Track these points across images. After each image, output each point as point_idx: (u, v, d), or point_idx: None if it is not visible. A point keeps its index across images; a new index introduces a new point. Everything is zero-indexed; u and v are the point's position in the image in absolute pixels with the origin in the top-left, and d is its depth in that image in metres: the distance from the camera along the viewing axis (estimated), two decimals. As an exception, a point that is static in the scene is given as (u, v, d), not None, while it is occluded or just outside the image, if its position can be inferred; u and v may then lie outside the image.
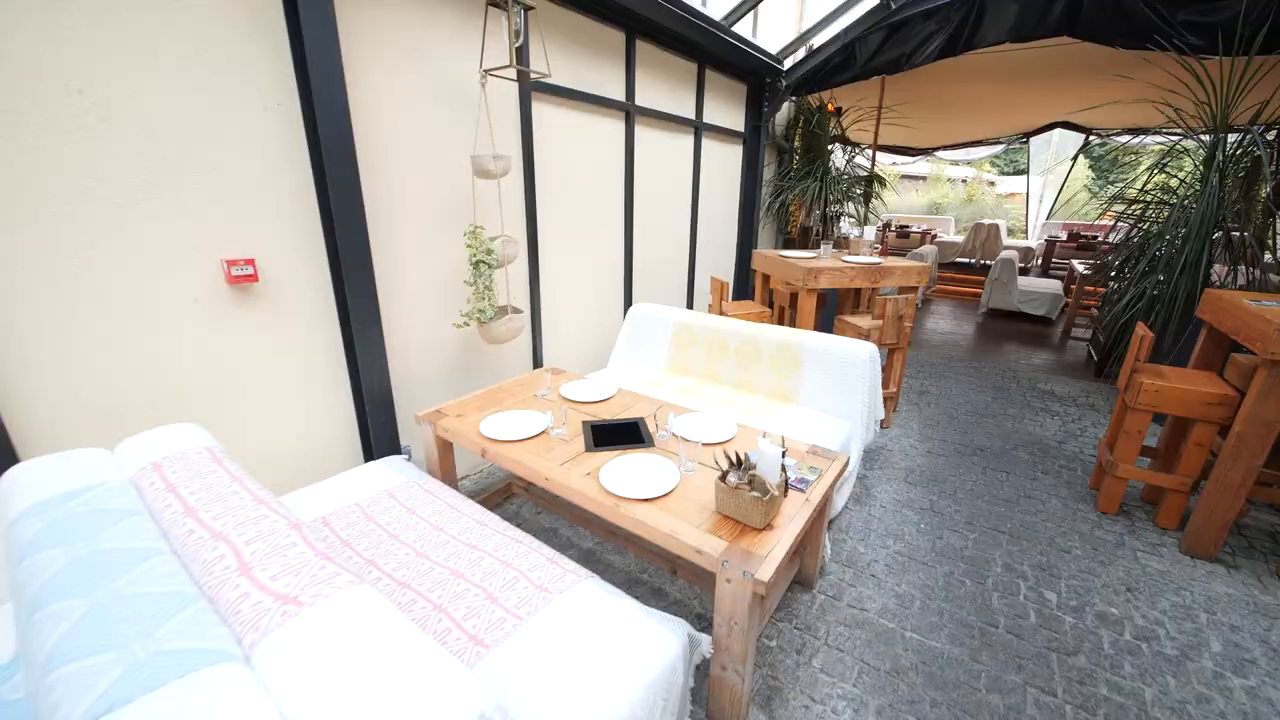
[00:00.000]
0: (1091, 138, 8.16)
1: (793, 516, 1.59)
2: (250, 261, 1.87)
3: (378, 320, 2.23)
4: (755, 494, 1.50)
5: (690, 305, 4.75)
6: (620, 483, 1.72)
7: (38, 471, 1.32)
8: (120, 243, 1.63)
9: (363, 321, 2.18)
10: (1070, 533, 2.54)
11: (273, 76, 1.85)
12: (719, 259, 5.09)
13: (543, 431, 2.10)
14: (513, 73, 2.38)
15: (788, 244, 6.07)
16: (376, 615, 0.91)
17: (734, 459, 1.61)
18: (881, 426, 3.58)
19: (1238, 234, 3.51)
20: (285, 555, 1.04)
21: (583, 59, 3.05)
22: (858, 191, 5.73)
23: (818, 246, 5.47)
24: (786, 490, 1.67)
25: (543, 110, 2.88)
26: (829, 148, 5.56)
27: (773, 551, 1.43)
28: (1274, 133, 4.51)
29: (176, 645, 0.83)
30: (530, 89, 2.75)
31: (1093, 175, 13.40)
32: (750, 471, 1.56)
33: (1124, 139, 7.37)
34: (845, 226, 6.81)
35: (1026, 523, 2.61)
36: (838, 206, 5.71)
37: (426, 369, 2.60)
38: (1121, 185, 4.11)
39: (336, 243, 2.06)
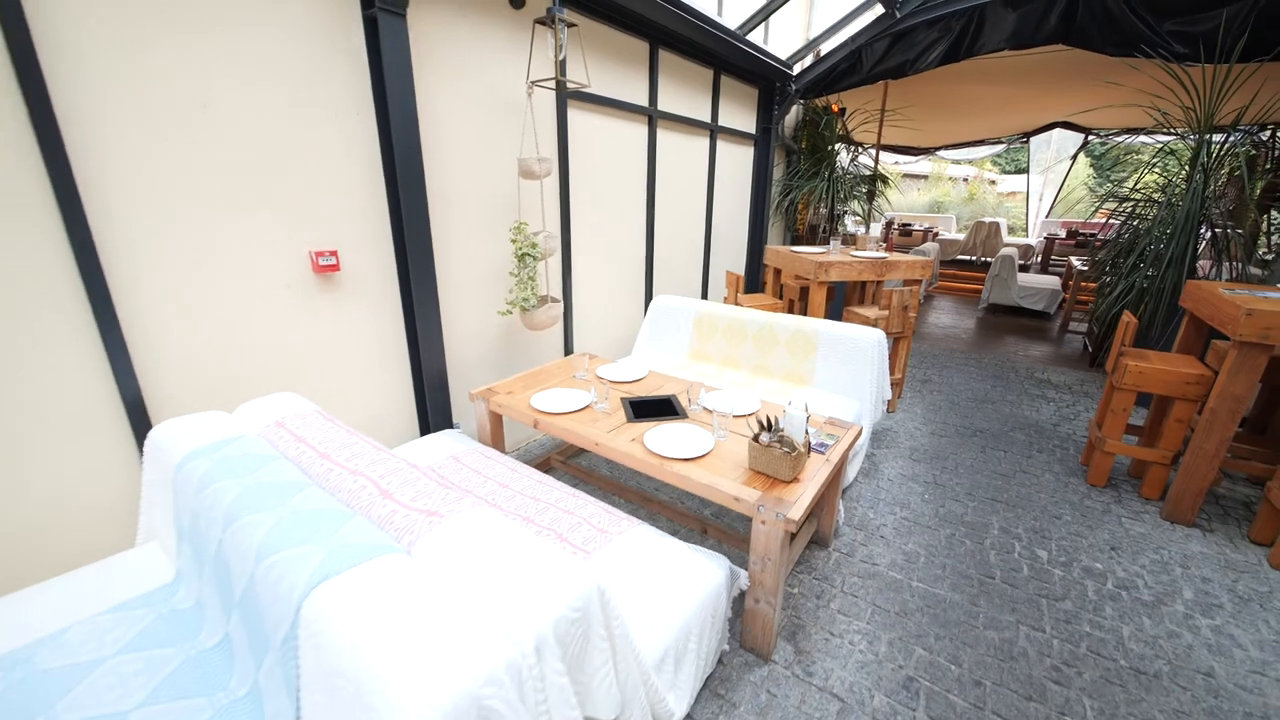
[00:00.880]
0: (1091, 137, 8.39)
1: (815, 472, 1.84)
2: (334, 252, 2.12)
3: (437, 308, 2.48)
4: (785, 450, 1.74)
5: (704, 298, 4.99)
6: (663, 446, 1.96)
7: (181, 428, 1.58)
8: (230, 236, 1.87)
9: (424, 309, 2.43)
10: (1061, 502, 2.78)
11: (354, 88, 2.10)
12: (731, 255, 5.33)
13: (587, 406, 2.34)
14: (554, 83, 2.62)
15: (795, 240, 6.31)
16: (502, 524, 1.16)
17: (764, 422, 1.85)
18: (888, 410, 3.83)
19: (1220, 230, 3.74)
20: (415, 485, 1.29)
21: (611, 68, 3.29)
22: (861, 190, 5.97)
23: (825, 243, 5.71)
24: (809, 451, 1.92)
25: (576, 116, 3.13)
26: (835, 148, 5.80)
27: (800, 498, 1.68)
28: (1267, 132, 4.74)
29: (356, 540, 1.08)
30: (566, 97, 3.00)
31: (1093, 174, 13.60)
32: (779, 433, 1.81)
33: (1122, 139, 7.62)
34: (849, 224, 7.05)
35: (1021, 493, 2.85)
36: (843, 205, 5.94)
37: (472, 353, 2.84)
38: (1113, 184, 4.34)
39: (404, 236, 2.30)
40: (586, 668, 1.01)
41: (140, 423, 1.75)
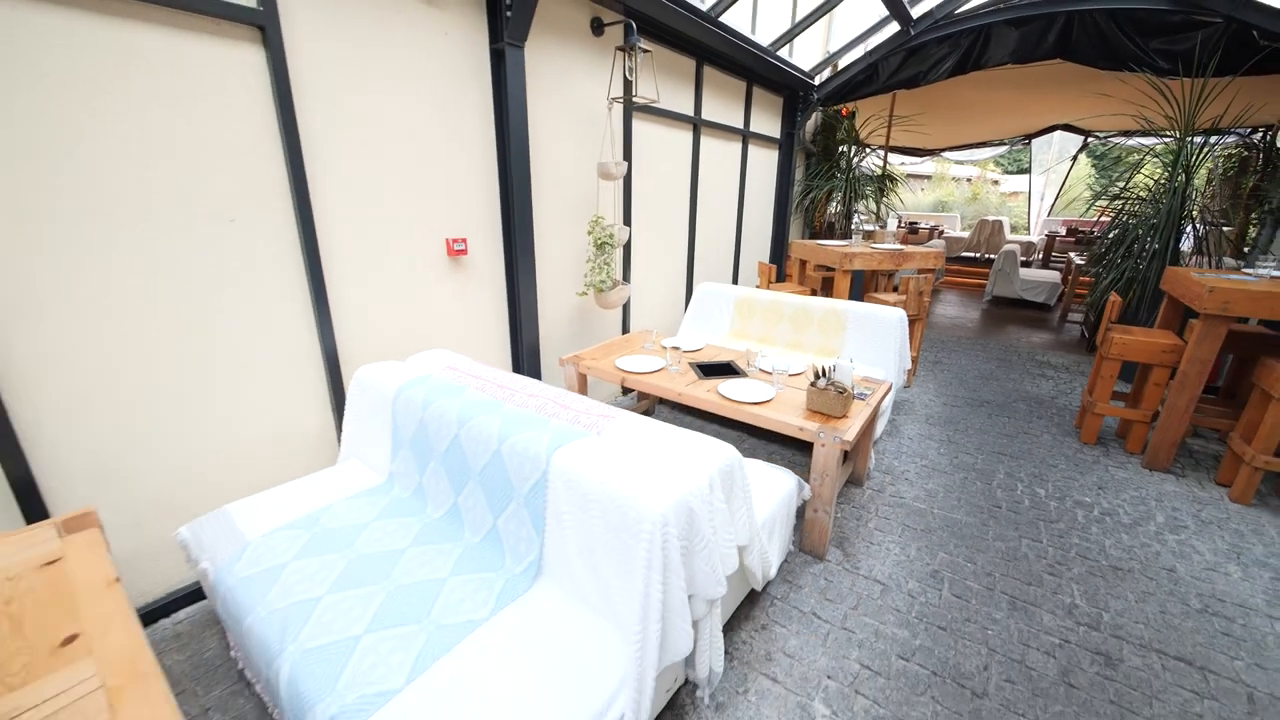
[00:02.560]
0: (1090, 139, 8.86)
1: (859, 412, 2.32)
2: (464, 240, 2.61)
3: (534, 288, 2.96)
4: (837, 392, 2.23)
5: (735, 285, 5.46)
6: (736, 395, 2.45)
7: (379, 370, 2.07)
8: (395, 227, 2.36)
9: (525, 289, 2.91)
10: (1057, 455, 3.27)
11: (480, 106, 2.59)
12: (757, 248, 5.82)
13: (662, 368, 2.83)
14: (629, 99, 3.11)
15: (813, 235, 6.79)
16: (653, 422, 1.65)
17: (819, 370, 2.34)
18: (906, 385, 4.30)
19: (1200, 227, 4.22)
20: (583, 401, 1.78)
21: (666, 83, 3.77)
22: (868, 191, 6.44)
23: (845, 238, 6.19)
24: (853, 397, 2.40)
25: (639, 126, 3.61)
26: (850, 149, 6.27)
27: (850, 427, 2.16)
28: (1259, 134, 5.19)
29: (565, 429, 1.57)
30: (632, 109, 3.49)
31: (1094, 174, 14.02)
32: (831, 379, 2.29)
33: (1119, 139, 8.10)
34: (858, 221, 7.52)
35: (1023, 449, 3.33)
36: (859, 203, 6.42)
37: (554, 327, 3.33)
38: (1105, 184, 4.81)
39: (512, 228, 2.79)
40: (732, 504, 1.49)
41: (333, 370, 2.24)
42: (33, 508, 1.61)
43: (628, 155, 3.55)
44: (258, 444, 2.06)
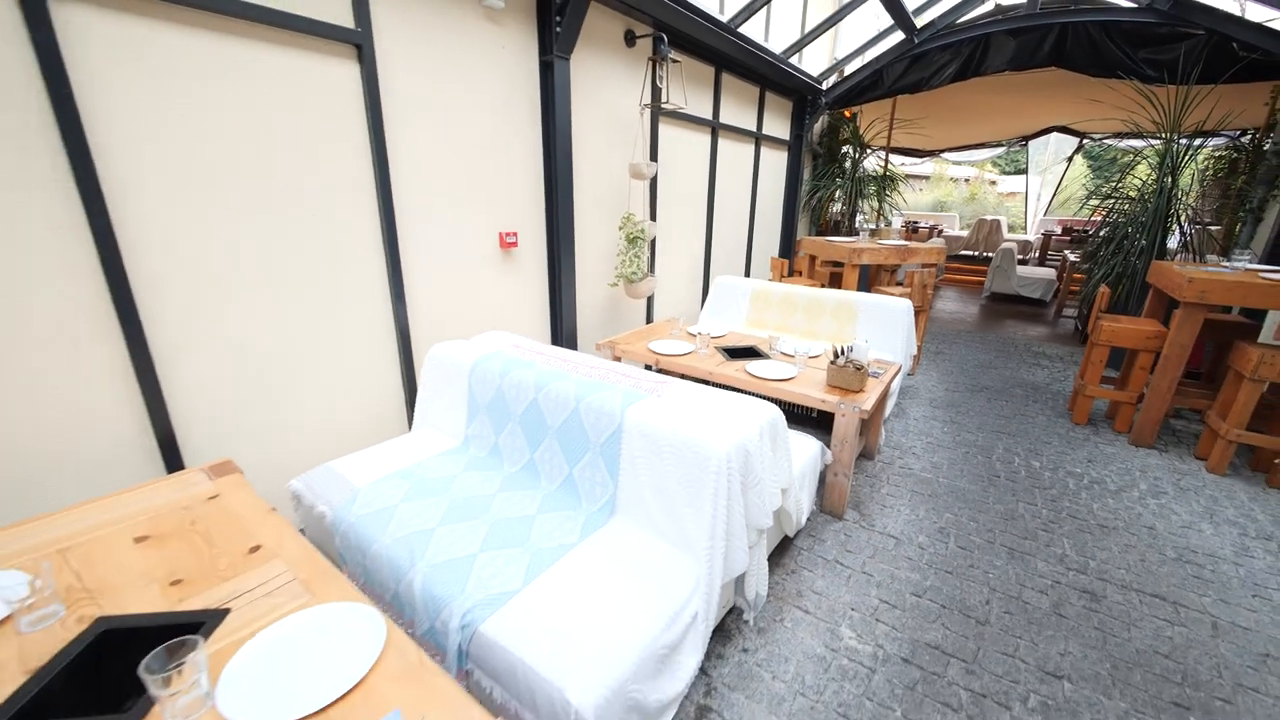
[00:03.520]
0: (1085, 141, 9.16)
1: (874, 387, 2.60)
2: (515, 234, 2.88)
3: (574, 279, 3.23)
4: (855, 368, 2.50)
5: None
6: (762, 373, 2.72)
7: (452, 347, 2.34)
8: (457, 221, 2.63)
9: (565, 279, 3.18)
10: (1051, 434, 3.55)
11: (530, 113, 2.86)
12: (767, 244, 6.09)
13: (691, 351, 3.10)
14: (658, 106, 3.38)
15: (820, 233, 7.07)
16: (703, 388, 1.92)
17: (838, 350, 2.61)
18: (910, 374, 4.58)
19: (1185, 225, 4.50)
20: (638, 372, 2.05)
21: (688, 89, 4.05)
22: (871, 190, 6.72)
23: (852, 234, 6.47)
24: (869, 375, 2.67)
25: (665, 130, 3.88)
26: (853, 151, 6.56)
27: (867, 399, 2.44)
28: (1247, 137, 5.47)
29: (630, 391, 1.84)
30: (659, 114, 3.76)
31: (1090, 174, 14.30)
32: (850, 357, 2.57)
33: (1113, 141, 8.39)
34: (861, 220, 7.80)
35: (1020, 428, 3.62)
36: (862, 202, 6.71)
37: (586, 315, 3.60)
38: (1098, 185, 5.09)
39: (555, 223, 3.06)
40: (776, 452, 1.77)
41: (404, 346, 2.51)
42: (171, 460, 1.87)
43: (654, 157, 3.82)
44: (343, 413, 2.33)
